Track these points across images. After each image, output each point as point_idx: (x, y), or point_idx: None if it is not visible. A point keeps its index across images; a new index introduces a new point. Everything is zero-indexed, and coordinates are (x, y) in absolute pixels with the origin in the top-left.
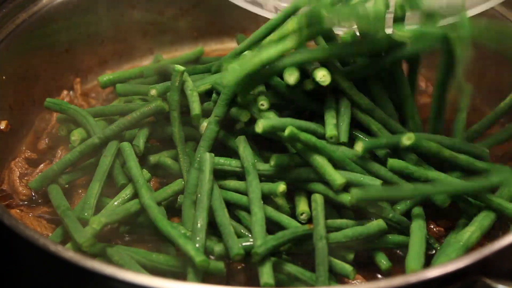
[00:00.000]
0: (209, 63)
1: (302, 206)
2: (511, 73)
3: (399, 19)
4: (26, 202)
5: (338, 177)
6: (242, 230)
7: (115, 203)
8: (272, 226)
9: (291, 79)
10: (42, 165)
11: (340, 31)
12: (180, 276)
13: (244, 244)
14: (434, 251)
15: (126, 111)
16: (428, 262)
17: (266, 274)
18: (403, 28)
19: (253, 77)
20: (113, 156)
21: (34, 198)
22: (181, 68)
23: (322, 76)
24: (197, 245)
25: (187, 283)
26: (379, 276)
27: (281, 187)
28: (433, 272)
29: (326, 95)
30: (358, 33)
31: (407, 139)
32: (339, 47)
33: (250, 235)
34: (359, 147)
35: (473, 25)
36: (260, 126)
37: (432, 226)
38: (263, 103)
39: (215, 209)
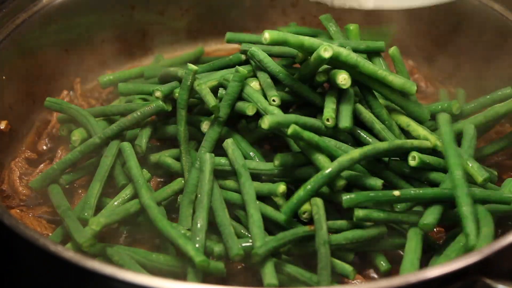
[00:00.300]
0: (210, 62)
1: (304, 205)
2: None
3: None
4: (26, 202)
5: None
6: (242, 230)
7: (115, 203)
8: (272, 226)
9: (326, 55)
10: (42, 165)
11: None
12: (180, 276)
13: (244, 244)
14: (434, 252)
15: (127, 111)
16: (428, 262)
17: (268, 274)
18: None
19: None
20: (114, 156)
21: (34, 198)
22: (194, 67)
23: (343, 79)
24: (197, 245)
25: (187, 283)
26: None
27: (281, 187)
28: (433, 272)
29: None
30: None
31: (412, 158)
32: None
33: (250, 235)
34: (357, 152)
35: None
36: (266, 123)
37: None
38: (275, 98)
39: (215, 209)
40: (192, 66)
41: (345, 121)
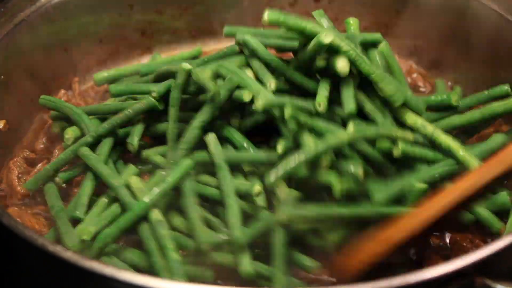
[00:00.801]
0: (205, 57)
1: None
2: None
3: None
4: (24, 201)
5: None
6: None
7: (96, 209)
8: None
9: (326, 40)
10: (40, 164)
11: None
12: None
13: (220, 236)
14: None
15: (119, 109)
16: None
17: (245, 263)
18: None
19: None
20: (106, 154)
21: (32, 197)
22: (188, 66)
23: (342, 65)
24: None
25: (187, 283)
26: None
27: (256, 188)
28: (433, 272)
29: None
30: None
31: (395, 148)
32: None
33: (227, 230)
34: (348, 133)
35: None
36: (260, 103)
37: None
38: (271, 83)
39: (187, 206)
40: (186, 65)
41: (349, 107)
